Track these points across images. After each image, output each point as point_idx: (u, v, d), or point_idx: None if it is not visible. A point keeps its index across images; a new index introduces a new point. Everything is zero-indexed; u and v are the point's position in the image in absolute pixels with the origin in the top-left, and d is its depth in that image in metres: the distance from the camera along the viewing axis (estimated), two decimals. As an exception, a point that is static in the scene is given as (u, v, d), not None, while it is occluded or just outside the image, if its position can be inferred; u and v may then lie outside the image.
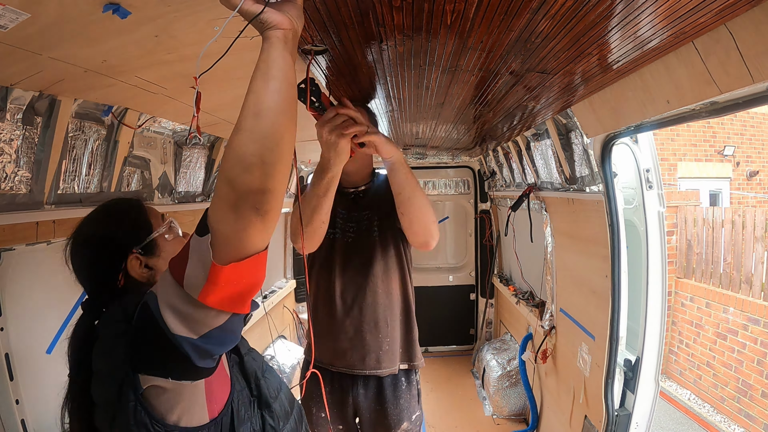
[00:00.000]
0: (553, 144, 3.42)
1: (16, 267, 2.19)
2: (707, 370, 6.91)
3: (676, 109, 1.97)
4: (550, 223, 4.06)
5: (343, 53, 1.91)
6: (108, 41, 1.58)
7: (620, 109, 2.39)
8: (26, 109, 1.91)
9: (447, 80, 2.34)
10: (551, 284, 4.13)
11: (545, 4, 1.40)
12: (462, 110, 3.09)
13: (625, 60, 1.94)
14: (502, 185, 5.77)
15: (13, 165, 1.93)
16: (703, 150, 10.81)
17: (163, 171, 3.08)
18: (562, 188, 3.63)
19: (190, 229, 1.18)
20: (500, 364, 5.27)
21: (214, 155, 3.69)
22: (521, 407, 4.99)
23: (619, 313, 2.93)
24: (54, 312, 2.49)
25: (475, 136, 4.33)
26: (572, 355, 3.60)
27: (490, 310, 6.76)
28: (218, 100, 2.55)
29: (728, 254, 6.92)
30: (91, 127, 2.33)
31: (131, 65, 1.86)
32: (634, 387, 2.95)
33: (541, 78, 2.25)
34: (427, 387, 5.89)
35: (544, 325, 4.21)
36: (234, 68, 2.06)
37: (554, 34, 1.65)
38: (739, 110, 1.82)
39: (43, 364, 2.38)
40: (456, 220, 6.95)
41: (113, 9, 1.31)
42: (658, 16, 1.46)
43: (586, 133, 2.88)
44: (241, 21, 1.29)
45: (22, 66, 1.67)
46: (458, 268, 6.99)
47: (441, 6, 1.43)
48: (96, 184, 2.51)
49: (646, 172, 2.91)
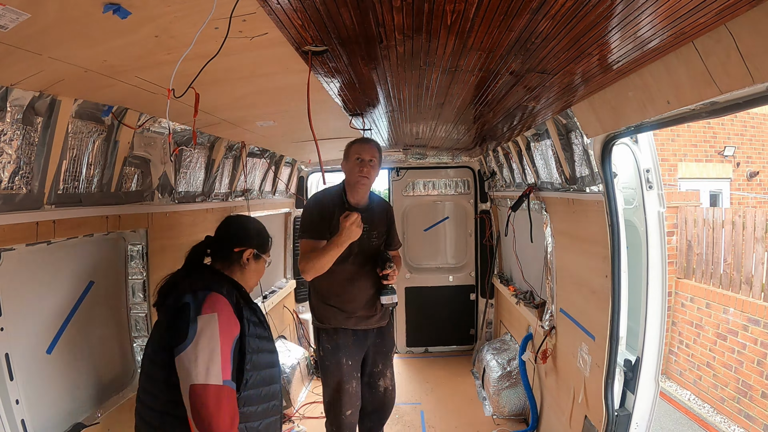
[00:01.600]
0: (553, 144, 3.42)
1: (16, 267, 2.19)
2: (707, 370, 6.91)
3: (676, 109, 1.97)
4: (550, 224, 4.06)
5: (342, 54, 1.91)
6: (108, 41, 1.58)
7: (620, 109, 2.39)
8: (26, 109, 1.91)
9: (447, 80, 2.35)
10: (551, 284, 4.13)
11: (545, 5, 1.40)
12: (462, 110, 3.09)
13: (625, 60, 1.94)
14: (502, 185, 5.77)
15: (13, 165, 1.93)
16: (703, 150, 10.81)
17: (163, 171, 3.08)
18: (562, 188, 3.63)
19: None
20: (500, 364, 5.26)
21: (213, 155, 3.69)
22: (521, 407, 4.98)
23: (619, 313, 2.93)
24: (54, 312, 2.49)
25: (476, 136, 4.33)
26: (572, 355, 3.60)
27: (490, 311, 6.75)
28: (218, 100, 2.56)
29: (728, 255, 6.92)
30: (91, 127, 2.33)
31: (131, 65, 1.87)
32: (634, 387, 2.95)
33: (541, 78, 2.25)
34: (427, 387, 5.91)
35: (544, 325, 4.21)
36: (233, 69, 2.07)
37: (554, 34, 1.65)
38: (739, 111, 1.82)
39: (43, 364, 2.38)
40: (456, 221, 6.95)
41: (113, 9, 1.32)
42: (658, 16, 1.46)
43: (586, 133, 2.88)
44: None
45: (23, 66, 1.67)
46: (458, 268, 6.99)
47: (441, 6, 1.43)
48: (96, 184, 2.51)
49: (647, 172, 2.91)
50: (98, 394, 2.74)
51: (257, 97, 2.64)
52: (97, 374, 2.76)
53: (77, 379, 2.60)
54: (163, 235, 3.20)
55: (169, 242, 3.28)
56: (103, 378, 2.81)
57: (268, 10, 1.43)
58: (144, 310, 3.06)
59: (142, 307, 3.06)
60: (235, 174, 4.25)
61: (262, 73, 2.19)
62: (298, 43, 1.76)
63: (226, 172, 4.09)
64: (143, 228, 3.01)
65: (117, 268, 3.00)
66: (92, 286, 2.73)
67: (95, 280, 2.76)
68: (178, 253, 3.45)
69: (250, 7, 1.39)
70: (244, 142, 4.06)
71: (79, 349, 2.63)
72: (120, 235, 2.94)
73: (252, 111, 3.01)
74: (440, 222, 6.96)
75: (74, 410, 2.55)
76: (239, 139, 3.94)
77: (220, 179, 4.03)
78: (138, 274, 3.05)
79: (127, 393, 2.86)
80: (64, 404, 2.49)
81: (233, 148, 3.97)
